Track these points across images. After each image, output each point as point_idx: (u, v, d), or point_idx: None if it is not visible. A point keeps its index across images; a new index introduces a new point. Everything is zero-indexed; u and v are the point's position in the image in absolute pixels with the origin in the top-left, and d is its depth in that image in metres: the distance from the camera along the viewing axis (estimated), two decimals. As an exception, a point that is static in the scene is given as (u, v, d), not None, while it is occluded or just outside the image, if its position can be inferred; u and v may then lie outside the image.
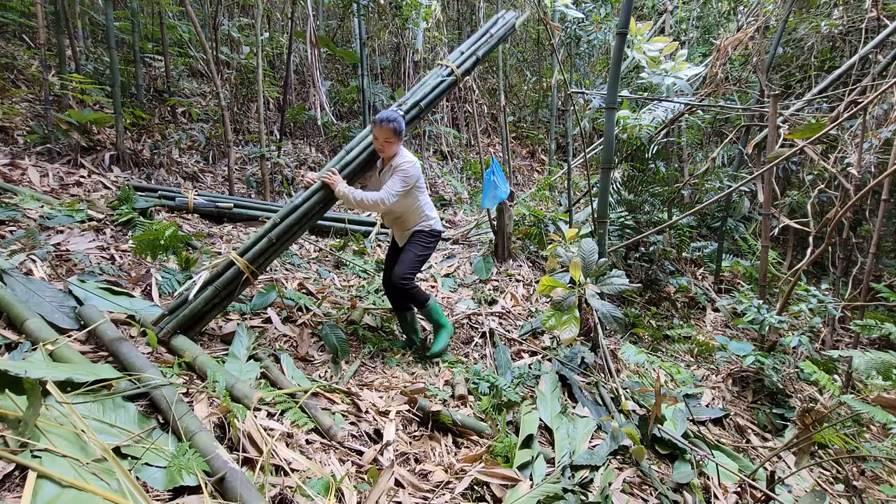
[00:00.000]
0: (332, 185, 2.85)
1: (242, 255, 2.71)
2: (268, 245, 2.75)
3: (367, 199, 2.83)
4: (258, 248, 2.74)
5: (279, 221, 2.79)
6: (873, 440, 3.22)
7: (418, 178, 2.97)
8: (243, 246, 2.76)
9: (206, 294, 2.61)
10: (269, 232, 2.76)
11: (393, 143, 2.89)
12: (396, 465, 2.11)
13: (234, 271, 2.67)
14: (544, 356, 3.43)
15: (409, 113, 3.13)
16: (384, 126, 2.84)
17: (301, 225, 2.88)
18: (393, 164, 2.94)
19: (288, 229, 2.81)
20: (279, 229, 2.78)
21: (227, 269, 2.69)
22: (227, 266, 2.69)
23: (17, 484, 1.50)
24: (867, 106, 4.05)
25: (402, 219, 3.09)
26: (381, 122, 2.84)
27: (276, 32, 7.89)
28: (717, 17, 8.38)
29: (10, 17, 6.06)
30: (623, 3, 3.37)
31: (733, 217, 5.71)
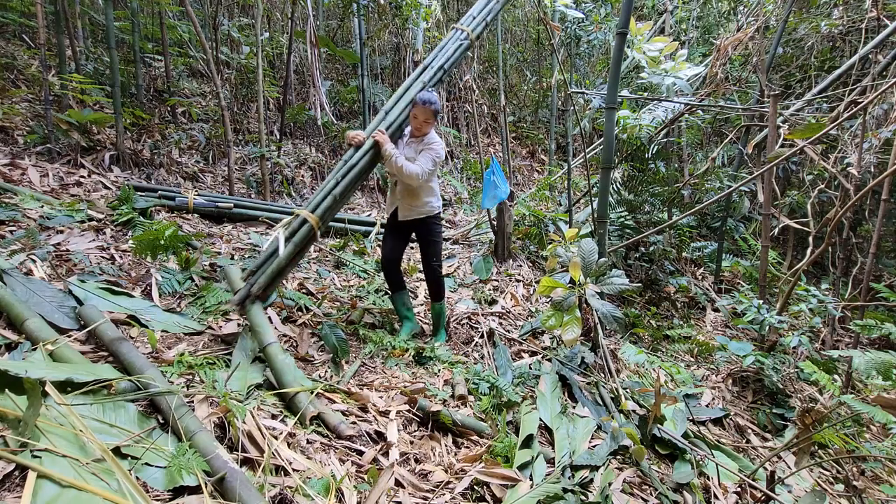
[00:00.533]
0: (382, 143, 2.98)
1: (312, 211, 2.89)
2: (332, 202, 2.94)
3: (406, 167, 2.97)
4: (325, 205, 2.92)
5: (340, 180, 2.97)
6: (873, 440, 3.23)
7: (443, 159, 3.26)
8: (311, 203, 2.92)
9: (289, 249, 2.78)
10: (333, 190, 2.94)
11: (431, 123, 3.08)
12: (396, 465, 2.11)
13: (307, 228, 2.85)
14: (544, 356, 3.43)
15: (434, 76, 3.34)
16: (427, 107, 3.00)
17: (357, 181, 3.07)
18: (425, 140, 3.10)
19: (348, 186, 3.00)
20: (341, 187, 2.96)
21: (300, 227, 2.86)
22: (301, 224, 2.86)
23: (17, 484, 1.50)
24: (867, 106, 4.05)
25: (414, 193, 3.18)
26: (424, 103, 2.99)
27: (276, 32, 7.89)
28: (717, 17, 8.38)
29: (10, 17, 6.06)
30: (623, 3, 3.37)
31: (733, 217, 5.71)
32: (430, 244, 3.32)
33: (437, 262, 3.33)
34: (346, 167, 3.01)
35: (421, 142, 3.11)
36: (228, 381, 2.33)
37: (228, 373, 2.40)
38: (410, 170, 2.98)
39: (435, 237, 3.31)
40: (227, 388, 2.27)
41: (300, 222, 2.88)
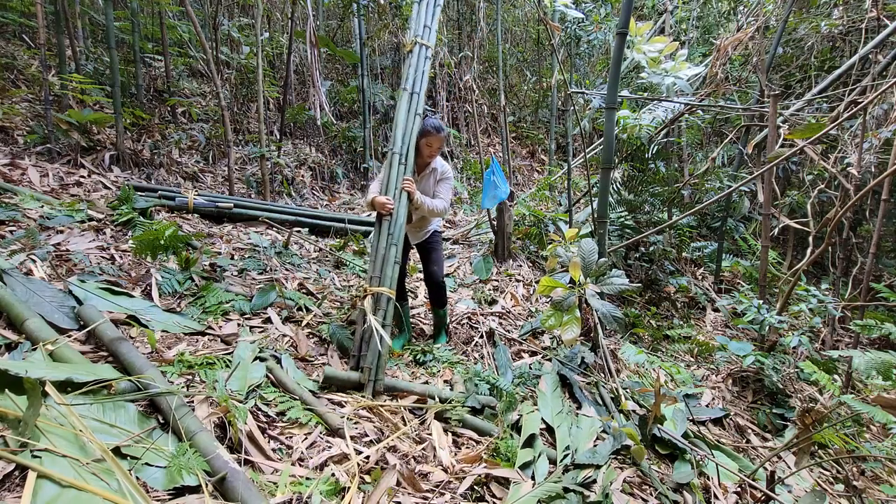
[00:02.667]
0: (412, 193, 3.00)
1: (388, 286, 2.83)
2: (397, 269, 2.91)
3: (437, 207, 3.08)
4: (393, 274, 2.87)
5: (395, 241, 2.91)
6: (873, 440, 3.22)
7: None
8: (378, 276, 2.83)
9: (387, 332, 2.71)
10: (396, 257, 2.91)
11: (440, 150, 3.16)
12: (396, 465, 2.11)
13: (391, 302, 2.80)
14: (544, 356, 3.43)
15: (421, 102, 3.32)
16: (441, 135, 3.07)
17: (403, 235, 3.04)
18: (437, 170, 3.17)
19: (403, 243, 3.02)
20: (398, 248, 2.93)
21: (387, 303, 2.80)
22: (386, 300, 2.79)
23: (17, 484, 1.50)
24: (867, 106, 4.06)
25: (425, 220, 3.27)
26: (438, 131, 3.05)
27: (276, 32, 7.89)
28: (717, 17, 8.38)
29: (10, 17, 6.06)
30: (623, 3, 3.37)
31: (733, 217, 5.71)
32: (433, 251, 3.35)
33: (438, 269, 3.35)
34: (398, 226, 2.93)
35: (432, 171, 3.16)
36: (228, 380, 2.33)
37: (229, 373, 2.41)
38: (440, 208, 3.09)
39: (437, 246, 3.37)
40: (227, 388, 2.27)
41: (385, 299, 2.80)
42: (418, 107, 3.14)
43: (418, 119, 3.12)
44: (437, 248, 3.36)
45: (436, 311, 3.44)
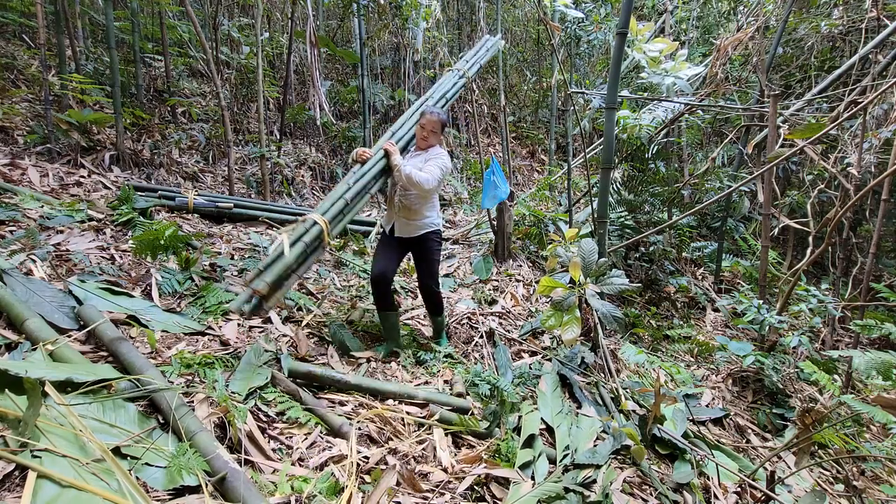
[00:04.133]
0: (391, 152, 2.98)
1: (322, 214, 2.82)
2: (343, 206, 2.89)
3: (414, 174, 2.90)
4: (335, 208, 2.87)
5: (351, 185, 2.94)
6: (873, 440, 3.22)
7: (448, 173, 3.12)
8: (321, 207, 2.85)
9: (297, 250, 2.66)
10: (344, 194, 2.90)
11: (437, 134, 3.06)
12: (396, 465, 2.11)
13: (316, 230, 2.75)
14: (544, 356, 3.43)
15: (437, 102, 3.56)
16: (433, 116, 3.00)
17: (367, 190, 3.03)
18: (430, 151, 3.08)
19: (359, 192, 2.98)
20: (352, 192, 2.93)
21: (309, 229, 2.76)
22: (310, 227, 2.77)
23: (17, 484, 1.50)
24: (867, 106, 4.05)
25: (414, 209, 3.08)
26: (431, 112, 3.01)
27: (276, 32, 7.89)
28: (717, 17, 8.38)
29: (10, 17, 6.05)
30: (623, 3, 3.37)
31: (733, 217, 5.71)
32: (427, 262, 3.14)
33: (433, 281, 3.17)
34: (358, 174, 2.98)
35: (426, 153, 3.08)
36: (229, 381, 2.33)
37: (229, 373, 2.41)
38: (418, 177, 2.90)
39: (432, 255, 3.15)
40: (228, 389, 2.27)
41: (309, 224, 2.78)
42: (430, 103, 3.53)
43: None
44: (431, 256, 3.13)
45: (433, 318, 3.35)
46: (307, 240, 2.72)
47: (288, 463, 1.97)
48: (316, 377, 2.54)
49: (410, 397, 2.59)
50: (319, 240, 2.79)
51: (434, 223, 3.15)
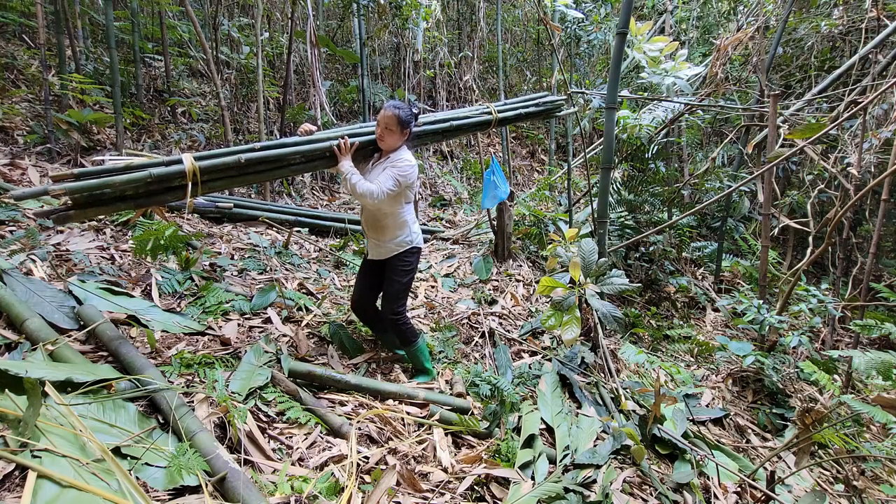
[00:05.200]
0: (339, 156, 2.63)
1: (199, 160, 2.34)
2: (233, 164, 2.40)
3: (359, 185, 2.56)
4: (219, 161, 2.39)
5: (258, 149, 2.49)
6: (873, 440, 3.22)
7: (412, 183, 2.70)
8: (204, 153, 2.41)
9: (136, 175, 2.20)
10: (243, 154, 2.44)
11: (394, 132, 2.63)
12: (396, 465, 2.11)
13: (175, 170, 2.28)
14: (544, 356, 3.43)
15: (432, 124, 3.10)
16: (388, 110, 2.62)
17: (277, 166, 2.58)
18: (391, 157, 2.68)
19: (261, 161, 2.49)
20: (253, 156, 2.46)
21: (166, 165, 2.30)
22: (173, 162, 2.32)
23: (17, 484, 1.50)
24: (867, 106, 4.06)
25: (381, 225, 2.77)
26: (387, 106, 2.63)
27: (276, 32, 7.89)
28: (717, 17, 8.38)
29: (10, 17, 6.05)
30: (623, 3, 3.37)
31: (733, 217, 5.71)
32: (389, 283, 2.80)
33: (393, 305, 2.78)
34: (276, 143, 2.57)
35: (386, 159, 2.70)
36: (229, 381, 2.33)
37: (229, 373, 2.41)
38: (363, 188, 2.54)
39: (398, 275, 2.78)
40: (228, 389, 2.27)
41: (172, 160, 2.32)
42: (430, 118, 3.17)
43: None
44: (394, 276, 2.78)
45: (405, 350, 2.94)
46: (157, 172, 2.24)
47: (288, 463, 1.98)
48: (316, 377, 2.54)
49: (410, 397, 2.59)
50: (179, 184, 2.31)
51: (406, 241, 2.79)
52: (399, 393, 2.60)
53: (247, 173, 2.51)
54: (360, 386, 2.57)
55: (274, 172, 2.64)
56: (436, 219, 6.73)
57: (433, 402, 2.57)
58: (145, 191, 2.27)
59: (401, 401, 2.58)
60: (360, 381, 2.60)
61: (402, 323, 2.80)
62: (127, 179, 2.18)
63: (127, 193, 2.23)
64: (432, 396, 2.63)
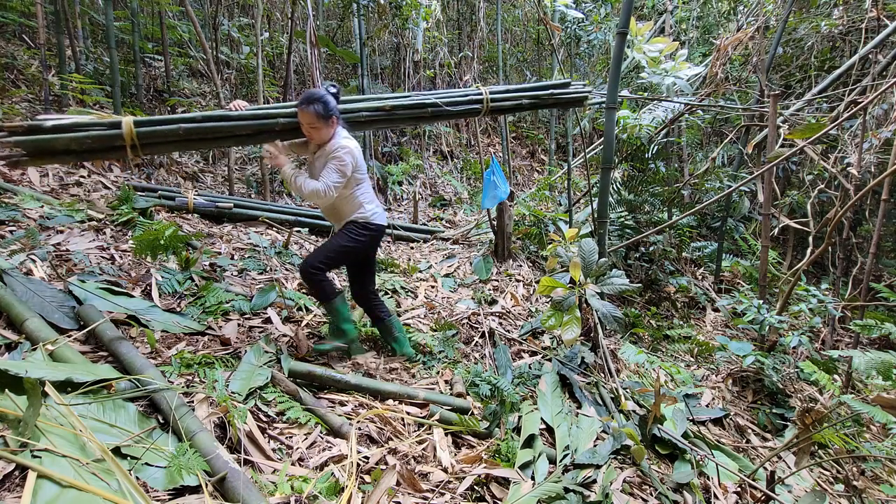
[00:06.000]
0: (276, 164, 2.57)
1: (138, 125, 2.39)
2: (171, 133, 2.44)
3: (306, 186, 2.52)
4: (159, 129, 2.44)
5: (199, 119, 2.49)
6: (873, 440, 3.22)
7: (356, 166, 2.63)
8: (143, 119, 2.45)
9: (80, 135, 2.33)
10: (183, 123, 2.45)
11: (320, 128, 2.54)
12: (396, 465, 2.11)
13: (115, 133, 2.36)
14: (544, 356, 3.43)
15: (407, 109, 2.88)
16: (304, 110, 2.50)
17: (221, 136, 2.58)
18: (327, 149, 2.60)
19: (203, 131, 2.51)
20: (194, 126, 2.48)
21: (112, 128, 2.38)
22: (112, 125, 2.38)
23: (17, 484, 1.50)
24: (867, 106, 4.06)
25: (336, 209, 2.74)
26: (300, 105, 2.50)
27: (276, 32, 7.89)
28: (717, 17, 8.38)
29: (10, 17, 6.05)
30: (623, 3, 3.37)
31: (733, 217, 5.71)
32: (330, 240, 2.78)
33: (320, 263, 2.69)
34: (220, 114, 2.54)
35: (324, 151, 2.62)
36: (229, 381, 2.33)
37: (229, 373, 2.41)
38: (310, 189, 2.51)
39: (341, 238, 2.72)
40: (228, 389, 2.27)
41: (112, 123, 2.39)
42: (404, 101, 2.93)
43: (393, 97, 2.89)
44: (337, 238, 2.73)
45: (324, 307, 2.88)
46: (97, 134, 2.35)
47: (288, 463, 1.98)
48: (316, 377, 2.54)
49: (410, 397, 2.59)
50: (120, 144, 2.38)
51: (359, 213, 2.73)
52: (399, 393, 2.60)
53: (189, 140, 2.55)
54: (360, 386, 2.57)
55: (219, 142, 2.68)
56: (436, 219, 6.73)
57: (433, 402, 2.57)
58: (89, 147, 2.40)
59: (401, 401, 2.58)
60: (360, 381, 2.60)
61: (317, 280, 2.69)
62: (72, 137, 2.34)
63: (72, 148, 2.38)
64: (432, 396, 2.63)
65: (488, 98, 3.02)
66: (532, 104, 3.20)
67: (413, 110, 2.92)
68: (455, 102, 2.99)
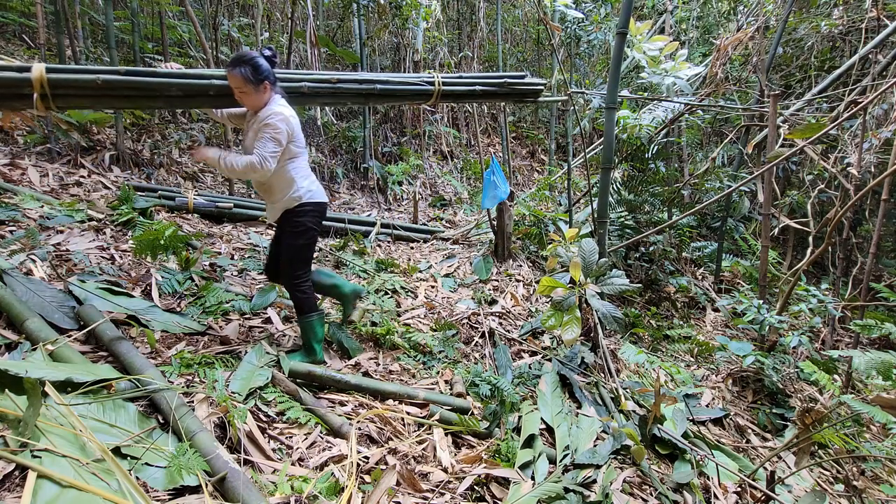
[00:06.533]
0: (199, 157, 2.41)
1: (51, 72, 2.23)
2: (88, 83, 2.27)
3: (237, 163, 2.34)
4: (73, 77, 2.27)
5: (122, 73, 2.33)
6: (873, 440, 3.22)
7: (292, 135, 2.46)
8: (60, 67, 2.29)
9: None
10: (103, 74, 2.31)
11: (249, 93, 2.37)
12: (396, 465, 2.11)
13: (24, 77, 2.19)
14: (544, 356, 3.43)
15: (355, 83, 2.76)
16: (231, 72, 2.33)
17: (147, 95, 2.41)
18: (259, 116, 2.42)
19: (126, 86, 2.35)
20: (114, 78, 2.32)
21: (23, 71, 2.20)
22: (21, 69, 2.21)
23: (17, 484, 1.50)
24: (867, 106, 4.06)
25: (267, 186, 2.55)
26: (228, 68, 2.34)
27: (276, 32, 7.89)
28: (717, 17, 8.38)
29: (10, 17, 6.05)
30: (623, 3, 3.37)
31: (733, 217, 5.71)
32: (285, 248, 2.60)
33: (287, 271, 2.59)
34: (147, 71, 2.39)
35: (255, 120, 2.45)
36: (229, 381, 2.33)
37: (229, 373, 2.41)
38: (243, 165, 2.34)
39: (290, 237, 2.56)
40: (228, 389, 2.27)
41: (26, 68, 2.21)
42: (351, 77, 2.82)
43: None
44: (286, 240, 2.58)
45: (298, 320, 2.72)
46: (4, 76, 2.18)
47: (288, 463, 1.98)
48: (316, 377, 2.54)
49: (410, 397, 2.59)
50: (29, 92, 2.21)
51: (295, 197, 2.53)
52: (399, 393, 2.60)
53: (111, 96, 2.37)
54: (360, 386, 2.57)
55: (145, 102, 2.51)
56: (436, 219, 6.73)
57: (433, 402, 2.57)
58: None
59: (401, 401, 2.58)
60: (360, 381, 2.60)
61: (301, 291, 2.61)
62: None
63: None
64: (432, 396, 2.63)
65: (440, 81, 2.96)
66: (485, 92, 3.12)
67: (360, 85, 2.82)
68: (406, 83, 2.92)
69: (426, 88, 2.94)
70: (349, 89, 2.79)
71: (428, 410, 2.52)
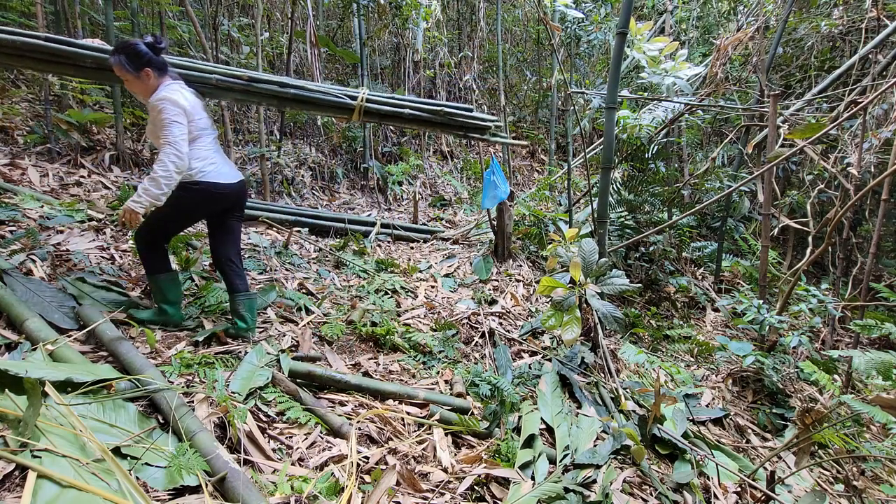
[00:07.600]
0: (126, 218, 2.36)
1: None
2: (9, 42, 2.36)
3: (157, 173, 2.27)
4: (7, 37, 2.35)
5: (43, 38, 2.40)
6: (873, 440, 3.22)
7: (191, 118, 2.40)
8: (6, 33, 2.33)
9: None
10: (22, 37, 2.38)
11: (131, 80, 2.30)
12: (396, 465, 2.11)
13: None
14: (544, 356, 3.43)
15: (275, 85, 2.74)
16: (109, 62, 2.29)
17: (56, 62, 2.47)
18: (150, 103, 2.35)
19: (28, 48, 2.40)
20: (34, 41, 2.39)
21: None
22: None
23: (17, 484, 1.50)
24: (867, 106, 4.06)
25: None
26: (109, 59, 2.28)
27: (276, 32, 7.89)
28: (717, 17, 8.38)
29: (10, 17, 6.05)
30: (623, 3, 3.37)
31: (733, 217, 5.71)
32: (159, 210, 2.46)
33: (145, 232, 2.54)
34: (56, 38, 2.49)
35: (149, 107, 2.38)
36: (229, 381, 2.33)
37: (229, 373, 2.40)
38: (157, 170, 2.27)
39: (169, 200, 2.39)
40: (228, 389, 2.27)
41: None
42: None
43: None
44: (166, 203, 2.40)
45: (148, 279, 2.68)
46: None
47: (288, 463, 1.98)
48: (316, 377, 2.54)
49: (410, 397, 2.59)
50: None
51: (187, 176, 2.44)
52: (399, 393, 2.60)
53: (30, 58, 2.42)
54: (360, 386, 2.57)
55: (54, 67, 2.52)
56: (436, 219, 6.73)
57: (433, 402, 2.57)
58: None
59: (401, 401, 2.58)
60: (360, 381, 2.60)
61: (140, 250, 2.56)
62: None
63: None
64: (432, 396, 2.63)
65: (364, 98, 2.90)
66: (415, 117, 3.03)
67: (273, 86, 2.80)
68: (324, 93, 2.87)
69: (346, 102, 2.89)
70: (261, 89, 2.78)
71: (428, 410, 2.52)
